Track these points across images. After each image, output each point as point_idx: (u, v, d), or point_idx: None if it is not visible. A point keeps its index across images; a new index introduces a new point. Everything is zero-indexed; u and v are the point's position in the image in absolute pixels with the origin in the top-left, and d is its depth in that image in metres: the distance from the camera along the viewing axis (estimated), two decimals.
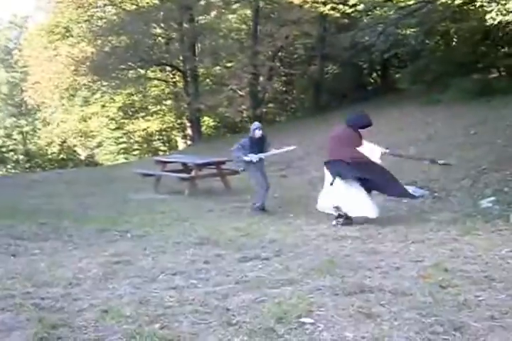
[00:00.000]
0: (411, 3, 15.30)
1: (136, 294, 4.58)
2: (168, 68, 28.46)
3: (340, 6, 21.60)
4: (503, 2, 13.40)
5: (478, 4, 14.32)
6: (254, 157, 9.68)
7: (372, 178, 7.94)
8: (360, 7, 18.78)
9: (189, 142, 28.91)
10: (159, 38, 27.71)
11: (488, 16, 13.80)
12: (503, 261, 5.46)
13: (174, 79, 29.24)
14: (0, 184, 16.98)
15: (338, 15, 22.49)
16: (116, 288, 4.80)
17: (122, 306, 4.23)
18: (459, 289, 4.52)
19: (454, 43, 19.41)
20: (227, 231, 7.58)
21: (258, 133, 9.80)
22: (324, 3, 22.53)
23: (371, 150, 8.21)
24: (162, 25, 26.49)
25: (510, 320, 3.86)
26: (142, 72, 27.84)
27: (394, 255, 5.88)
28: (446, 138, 13.21)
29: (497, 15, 13.67)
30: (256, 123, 10.15)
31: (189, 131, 28.82)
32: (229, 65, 26.51)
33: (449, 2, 14.90)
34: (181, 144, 30.68)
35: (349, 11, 20.13)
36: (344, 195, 8.01)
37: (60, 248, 6.89)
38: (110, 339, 3.68)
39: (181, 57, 26.38)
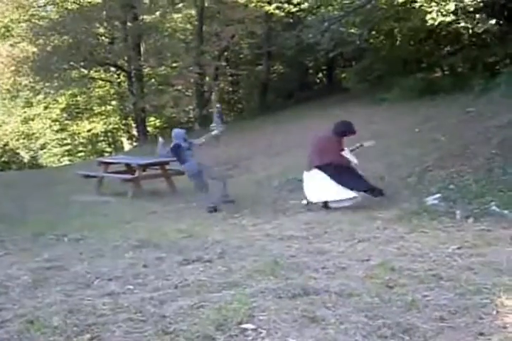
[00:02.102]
0: None
1: (67, 302, 4.29)
2: (112, 68, 27.86)
3: (285, 5, 21.63)
4: (443, 3, 13.50)
5: (418, 5, 14.39)
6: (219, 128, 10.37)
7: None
8: (305, 5, 18.77)
9: (135, 143, 28.43)
10: (103, 38, 27.10)
11: (428, 17, 13.90)
12: (450, 258, 5.36)
13: (119, 80, 28.65)
14: None
15: (283, 14, 22.49)
16: (46, 296, 4.50)
17: (50, 316, 3.93)
18: (406, 289, 4.37)
19: (398, 42, 19.45)
20: (170, 233, 7.31)
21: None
22: (269, 3, 22.51)
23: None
24: (105, 24, 25.94)
25: (459, 320, 3.72)
26: (86, 72, 27.20)
27: (340, 255, 5.72)
28: (390, 137, 13.18)
29: (437, 15, 13.78)
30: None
31: (135, 132, 28.35)
32: (174, 65, 26.10)
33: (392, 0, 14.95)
34: (127, 145, 30.12)
35: (294, 9, 20.14)
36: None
37: None
38: None
39: (125, 57, 25.87)
